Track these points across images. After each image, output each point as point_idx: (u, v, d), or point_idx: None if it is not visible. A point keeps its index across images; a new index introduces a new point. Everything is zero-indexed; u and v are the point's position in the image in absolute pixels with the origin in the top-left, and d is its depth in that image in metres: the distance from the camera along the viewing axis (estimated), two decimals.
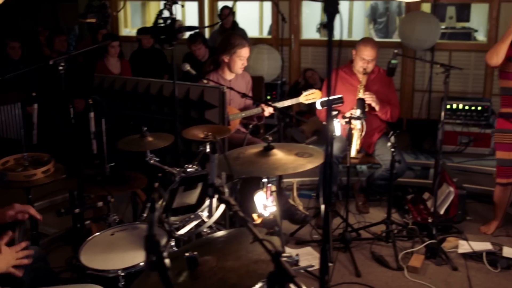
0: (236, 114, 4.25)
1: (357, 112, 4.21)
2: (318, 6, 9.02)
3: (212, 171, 1.76)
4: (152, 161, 3.02)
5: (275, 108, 3.55)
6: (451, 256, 4.04)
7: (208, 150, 2.99)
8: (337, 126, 4.04)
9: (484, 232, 4.44)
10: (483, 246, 4.13)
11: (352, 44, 4.81)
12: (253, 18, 8.74)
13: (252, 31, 8.25)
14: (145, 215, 3.01)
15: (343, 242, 4.11)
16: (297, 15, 7.18)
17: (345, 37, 7.94)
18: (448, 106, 6.36)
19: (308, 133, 6.01)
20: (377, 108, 4.59)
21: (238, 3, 8.64)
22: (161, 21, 2.69)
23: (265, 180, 2.40)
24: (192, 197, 2.74)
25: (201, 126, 3.14)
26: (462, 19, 7.29)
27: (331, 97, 4.13)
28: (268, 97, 6.86)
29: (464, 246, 4.12)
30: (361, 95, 4.51)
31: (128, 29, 8.42)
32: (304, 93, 4.44)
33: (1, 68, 5.33)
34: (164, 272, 1.40)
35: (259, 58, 6.29)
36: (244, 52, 4.24)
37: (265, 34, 8.54)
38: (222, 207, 2.61)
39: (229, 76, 4.37)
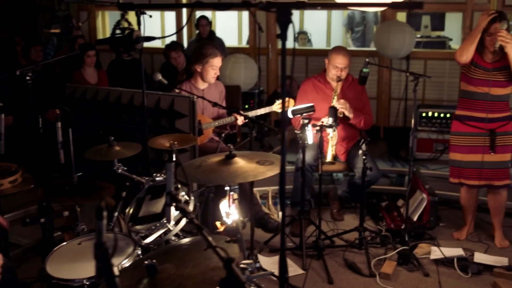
0: (209, 123, 4.27)
1: (329, 120, 4.25)
2: (296, 15, 9.09)
3: (169, 180, 1.78)
4: (119, 170, 3.03)
5: (245, 117, 3.58)
6: (423, 262, 4.08)
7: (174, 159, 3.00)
8: (310, 134, 4.07)
9: (457, 238, 4.49)
10: (455, 252, 4.17)
11: None
12: (232, 28, 8.79)
13: (231, 41, 8.30)
14: (112, 224, 3.01)
15: (316, 249, 4.13)
16: (274, 24, 7.23)
17: (323, 46, 8.06)
18: (424, 114, 6.44)
19: (286, 142, 6.04)
20: (350, 116, 4.63)
21: (217, 12, 8.69)
22: (118, 31, 2.70)
23: (227, 188, 2.42)
24: (158, 205, 2.75)
25: (167, 135, 3.15)
26: (437, 28, 7.38)
27: (302, 106, 4.19)
28: (246, 106, 6.90)
29: (436, 252, 4.16)
30: (335, 103, 4.54)
31: None
32: (277, 102, 4.48)
33: None
34: (112, 280, 1.41)
35: (235, 67, 6.31)
36: (216, 61, 4.27)
37: (244, 44, 8.58)
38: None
39: (202, 85, 4.39)
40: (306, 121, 3.98)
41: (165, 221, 2.50)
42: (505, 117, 4.19)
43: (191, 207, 2.67)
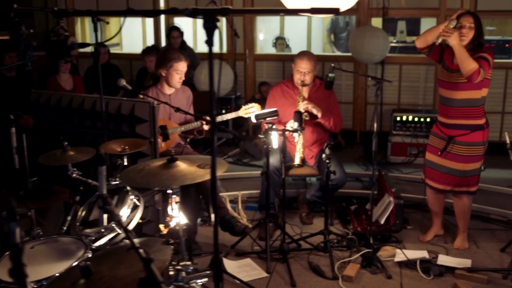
0: (175, 128, 4.30)
1: (295, 125, 4.30)
2: (276, 21, 9.15)
3: (101, 182, 1.81)
4: (74, 175, 3.06)
5: (207, 122, 3.62)
6: (387, 265, 4.12)
7: (125, 163, 3.05)
8: (275, 139, 4.11)
9: (422, 240, 4.53)
10: (419, 254, 4.22)
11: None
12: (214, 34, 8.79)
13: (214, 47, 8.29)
14: (65, 228, 3.04)
15: (281, 253, 4.17)
16: (251, 30, 7.28)
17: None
18: (398, 118, 6.49)
19: (261, 147, 6.07)
20: (319, 115, 4.66)
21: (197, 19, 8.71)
22: (54, 38, 2.74)
23: (169, 191, 2.46)
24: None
25: (120, 140, 3.18)
26: (412, 33, 7.45)
27: (265, 110, 4.23)
28: (224, 111, 6.93)
29: (400, 255, 4.21)
30: (300, 105, 4.58)
31: None
32: (244, 107, 4.52)
33: None
34: (22, 280, 1.44)
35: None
36: (181, 66, 4.30)
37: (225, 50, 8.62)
38: (137, 218, 2.66)
39: (168, 90, 4.42)
40: (269, 125, 4.03)
41: (113, 224, 2.54)
42: (466, 125, 4.11)
43: (140, 211, 2.70)
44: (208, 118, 4.40)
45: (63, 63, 6.06)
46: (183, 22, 7.58)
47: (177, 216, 2.50)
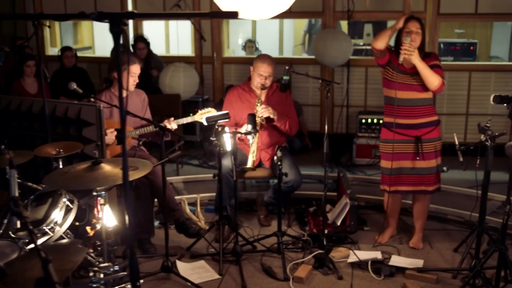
0: (130, 131, 4.31)
1: (248, 127, 4.32)
2: (248, 24, 9.20)
3: (11, 185, 1.83)
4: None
5: (155, 125, 3.65)
6: (340, 266, 4.16)
7: (61, 166, 3.06)
8: (227, 141, 4.14)
9: (379, 242, 4.57)
10: (373, 255, 4.24)
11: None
12: (186, 37, 8.82)
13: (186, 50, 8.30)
14: (1, 231, 3.04)
15: (234, 254, 4.18)
16: (218, 33, 7.31)
17: (276, 55, 8.12)
18: (364, 120, 6.56)
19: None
20: (274, 118, 4.68)
21: (169, 22, 8.75)
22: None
23: (94, 193, 2.47)
24: (41, 212, 2.79)
25: (55, 143, 3.19)
26: None
27: (216, 113, 4.25)
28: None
29: (353, 256, 4.24)
30: (258, 109, 4.60)
31: (56, 49, 8.43)
32: (200, 111, 4.54)
33: None
34: None
35: (175, 76, 6.38)
36: (135, 68, 4.31)
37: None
38: (70, 220, 2.67)
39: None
40: (221, 128, 4.05)
41: (44, 227, 2.54)
42: (430, 122, 4.22)
43: (73, 213, 2.71)
44: (170, 121, 4.43)
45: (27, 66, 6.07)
46: (156, 24, 7.59)
47: (102, 218, 2.52)
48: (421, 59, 4.05)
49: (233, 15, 1.76)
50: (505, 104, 3.61)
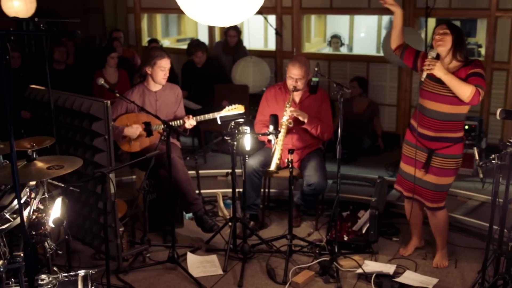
0: (158, 125, 4.53)
1: (270, 128, 4.34)
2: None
3: None
4: None
5: (163, 123, 3.86)
6: (346, 276, 4.07)
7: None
8: (247, 141, 4.20)
9: (401, 254, 4.38)
10: (385, 268, 4.09)
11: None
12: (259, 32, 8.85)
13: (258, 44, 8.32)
14: None
15: (242, 252, 4.26)
16: (298, 28, 7.30)
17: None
18: None
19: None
20: (305, 120, 4.62)
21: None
22: None
23: (27, 188, 2.68)
24: (9, 199, 3.04)
25: (31, 138, 3.44)
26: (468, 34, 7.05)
27: (231, 113, 4.31)
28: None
29: (366, 266, 4.11)
30: (287, 110, 4.58)
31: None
32: (227, 107, 4.63)
33: None
34: None
35: (245, 71, 6.52)
36: (164, 62, 4.50)
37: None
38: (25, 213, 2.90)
39: (154, 87, 4.64)
40: (240, 128, 4.11)
41: (5, 213, 2.80)
42: (451, 138, 3.90)
43: (31, 207, 2.92)
44: (189, 118, 4.61)
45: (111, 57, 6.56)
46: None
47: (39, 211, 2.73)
48: (449, 70, 3.73)
49: (73, 34, 1.84)
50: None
